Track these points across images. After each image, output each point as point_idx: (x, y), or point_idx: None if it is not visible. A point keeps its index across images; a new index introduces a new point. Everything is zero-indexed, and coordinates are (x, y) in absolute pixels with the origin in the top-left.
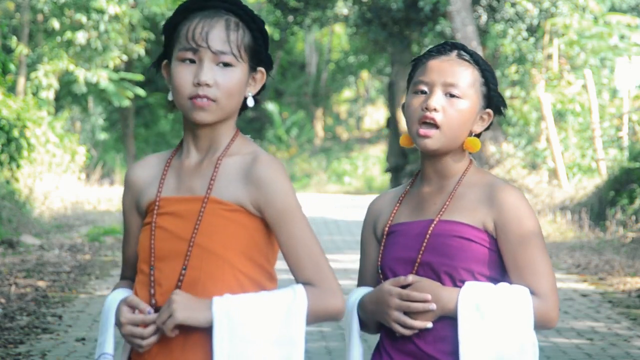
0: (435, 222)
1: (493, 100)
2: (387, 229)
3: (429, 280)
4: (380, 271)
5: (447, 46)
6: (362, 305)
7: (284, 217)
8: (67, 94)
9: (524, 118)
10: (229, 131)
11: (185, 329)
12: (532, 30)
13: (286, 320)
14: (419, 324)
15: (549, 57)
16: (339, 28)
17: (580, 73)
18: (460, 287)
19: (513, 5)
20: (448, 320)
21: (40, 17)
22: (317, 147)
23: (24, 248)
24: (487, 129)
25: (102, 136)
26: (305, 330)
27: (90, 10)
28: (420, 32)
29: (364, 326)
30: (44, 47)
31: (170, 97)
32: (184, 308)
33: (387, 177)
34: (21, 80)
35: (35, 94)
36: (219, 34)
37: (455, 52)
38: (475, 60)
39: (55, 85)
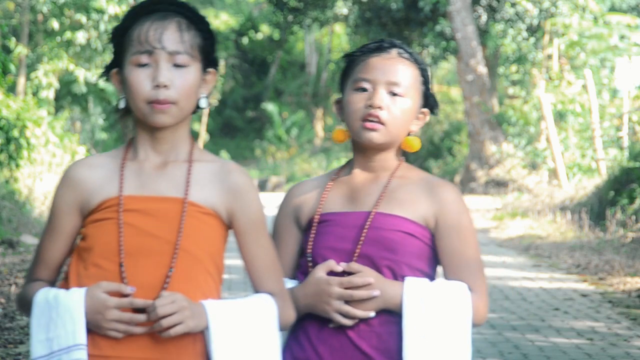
0: (372, 214)
1: (429, 100)
2: (317, 217)
3: (372, 270)
4: (311, 260)
5: (386, 44)
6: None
7: (255, 227)
8: (67, 94)
9: (524, 118)
10: (187, 134)
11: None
12: (532, 30)
13: (267, 329)
14: (362, 313)
15: (549, 57)
16: (339, 28)
17: (580, 73)
18: (401, 282)
19: (513, 5)
20: (386, 317)
21: (40, 17)
22: (317, 147)
23: (24, 248)
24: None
25: (102, 136)
26: None
27: (90, 10)
28: (420, 32)
29: None
30: (43, 47)
31: (122, 105)
32: (193, 316)
33: None
34: (21, 80)
35: (35, 94)
36: (172, 35)
37: (395, 50)
38: (415, 58)
39: (55, 85)
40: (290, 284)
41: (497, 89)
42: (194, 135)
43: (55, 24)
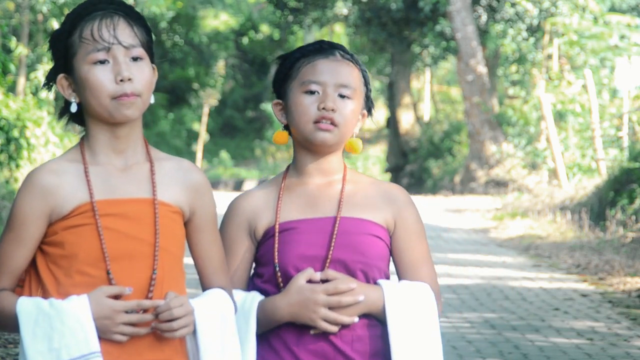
0: (338, 218)
1: (368, 102)
2: (277, 226)
3: (347, 276)
4: (278, 270)
5: (326, 45)
6: (269, 309)
7: (212, 223)
8: None
9: (524, 118)
10: (141, 132)
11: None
12: (532, 30)
13: (233, 321)
14: (348, 319)
15: (549, 57)
16: (339, 28)
17: (580, 73)
18: (376, 285)
19: (513, 5)
20: (365, 320)
21: (40, 17)
22: None
23: None
24: None
25: None
26: None
27: None
28: (420, 32)
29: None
30: (43, 47)
31: (74, 109)
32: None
33: (387, 177)
34: (21, 80)
35: (35, 94)
36: (125, 30)
37: (337, 52)
38: (356, 60)
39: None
40: (242, 295)
41: (497, 89)
42: (194, 136)
43: (55, 24)
